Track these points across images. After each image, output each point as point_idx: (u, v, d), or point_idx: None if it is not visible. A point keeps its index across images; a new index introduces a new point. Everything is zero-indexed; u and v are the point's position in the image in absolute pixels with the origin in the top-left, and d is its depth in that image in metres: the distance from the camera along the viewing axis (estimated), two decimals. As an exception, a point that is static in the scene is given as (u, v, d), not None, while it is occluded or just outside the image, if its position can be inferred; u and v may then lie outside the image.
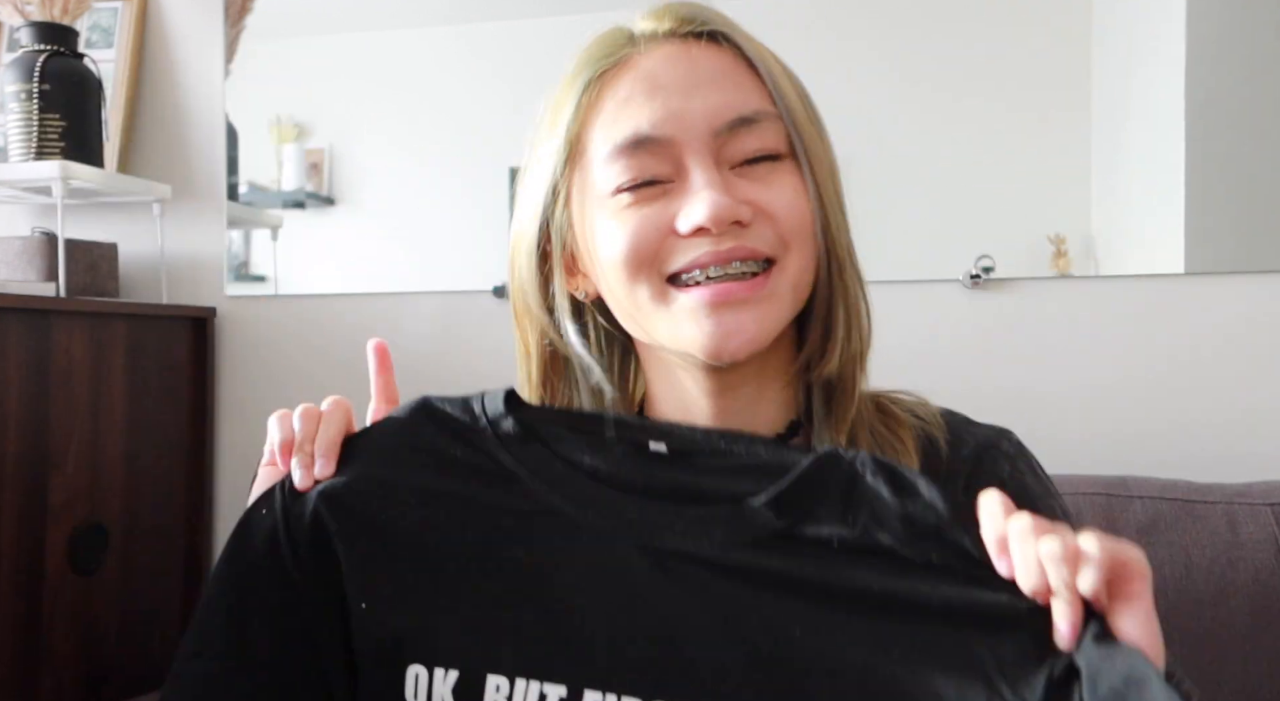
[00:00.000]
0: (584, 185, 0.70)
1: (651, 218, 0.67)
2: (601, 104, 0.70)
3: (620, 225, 0.68)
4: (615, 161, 0.68)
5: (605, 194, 0.69)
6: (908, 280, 1.45)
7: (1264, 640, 1.09)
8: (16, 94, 1.55)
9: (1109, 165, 1.40)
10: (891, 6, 1.48)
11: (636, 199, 0.68)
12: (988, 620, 0.53)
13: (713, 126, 0.67)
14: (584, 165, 0.70)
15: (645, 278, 0.68)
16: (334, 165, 1.71)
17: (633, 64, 0.70)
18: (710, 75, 0.68)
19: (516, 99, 1.66)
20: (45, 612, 1.42)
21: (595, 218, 0.70)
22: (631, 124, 0.68)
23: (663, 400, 0.75)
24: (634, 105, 0.68)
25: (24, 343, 1.39)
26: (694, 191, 0.66)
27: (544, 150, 0.73)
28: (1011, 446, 0.78)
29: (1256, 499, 1.16)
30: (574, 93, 0.71)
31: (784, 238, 0.68)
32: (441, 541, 0.63)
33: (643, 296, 0.68)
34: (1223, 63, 1.36)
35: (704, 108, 0.67)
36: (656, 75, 0.68)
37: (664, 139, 0.67)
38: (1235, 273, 1.36)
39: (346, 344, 1.69)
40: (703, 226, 0.65)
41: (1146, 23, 1.42)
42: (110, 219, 1.77)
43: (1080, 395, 1.40)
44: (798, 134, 0.69)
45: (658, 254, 0.67)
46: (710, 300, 0.66)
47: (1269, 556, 1.11)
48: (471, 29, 1.66)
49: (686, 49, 0.69)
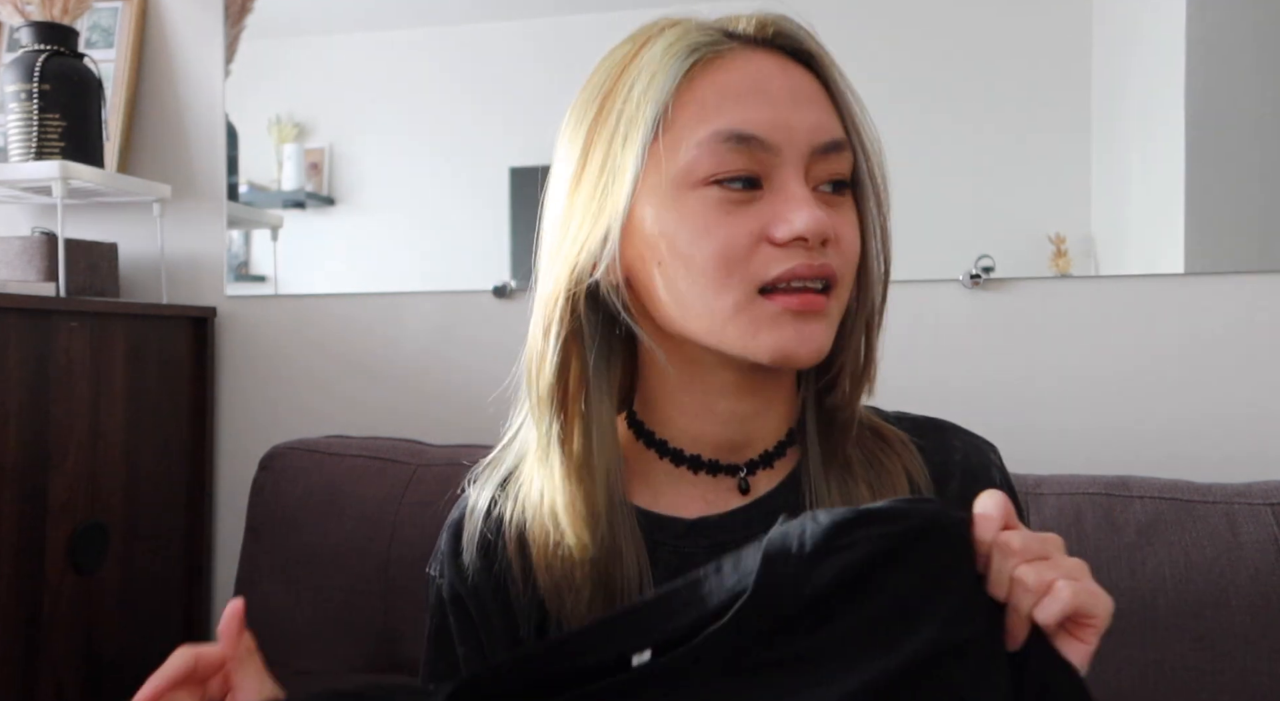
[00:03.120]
0: (656, 166, 0.68)
1: (745, 222, 0.67)
2: (697, 87, 0.68)
3: (712, 224, 0.67)
4: (711, 147, 0.67)
5: (690, 182, 0.68)
6: (908, 280, 1.45)
7: (1264, 640, 1.09)
8: (16, 94, 1.55)
9: (1109, 165, 1.40)
10: (891, 6, 1.48)
11: (729, 198, 0.67)
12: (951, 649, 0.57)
13: (813, 144, 0.68)
14: (666, 144, 0.68)
15: (737, 280, 0.67)
16: (334, 165, 1.71)
17: (736, 60, 0.69)
18: (809, 96, 0.70)
19: (516, 99, 1.66)
20: (45, 612, 1.42)
21: (668, 204, 0.68)
22: (739, 117, 0.67)
23: (671, 402, 0.75)
24: (740, 100, 0.68)
25: (24, 342, 1.39)
26: (794, 203, 0.67)
27: (621, 127, 0.69)
28: (1000, 463, 0.79)
29: (1256, 499, 1.16)
30: (670, 71, 0.68)
31: (844, 266, 0.70)
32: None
33: (727, 300, 0.68)
34: (1223, 63, 1.36)
35: (807, 125, 0.68)
36: (764, 80, 0.69)
37: (771, 144, 0.67)
38: (1235, 273, 1.36)
39: (346, 344, 1.69)
40: (802, 236, 0.66)
41: (1146, 23, 1.42)
42: (110, 219, 1.77)
43: (1080, 395, 1.40)
44: (868, 168, 0.72)
45: (750, 259, 0.67)
46: (796, 307, 0.67)
47: (1269, 556, 1.11)
48: (471, 29, 1.66)
49: (785, 64, 0.70)
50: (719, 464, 0.75)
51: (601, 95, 0.71)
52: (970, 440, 0.80)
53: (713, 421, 0.74)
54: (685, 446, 0.76)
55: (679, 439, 0.76)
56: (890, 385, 0.81)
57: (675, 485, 0.76)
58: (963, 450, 0.78)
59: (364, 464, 1.44)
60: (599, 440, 0.72)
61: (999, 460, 0.79)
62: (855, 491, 0.73)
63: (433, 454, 1.43)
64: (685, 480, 0.76)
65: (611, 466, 0.73)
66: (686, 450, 0.75)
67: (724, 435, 0.75)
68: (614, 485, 0.72)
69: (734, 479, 0.75)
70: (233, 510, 1.71)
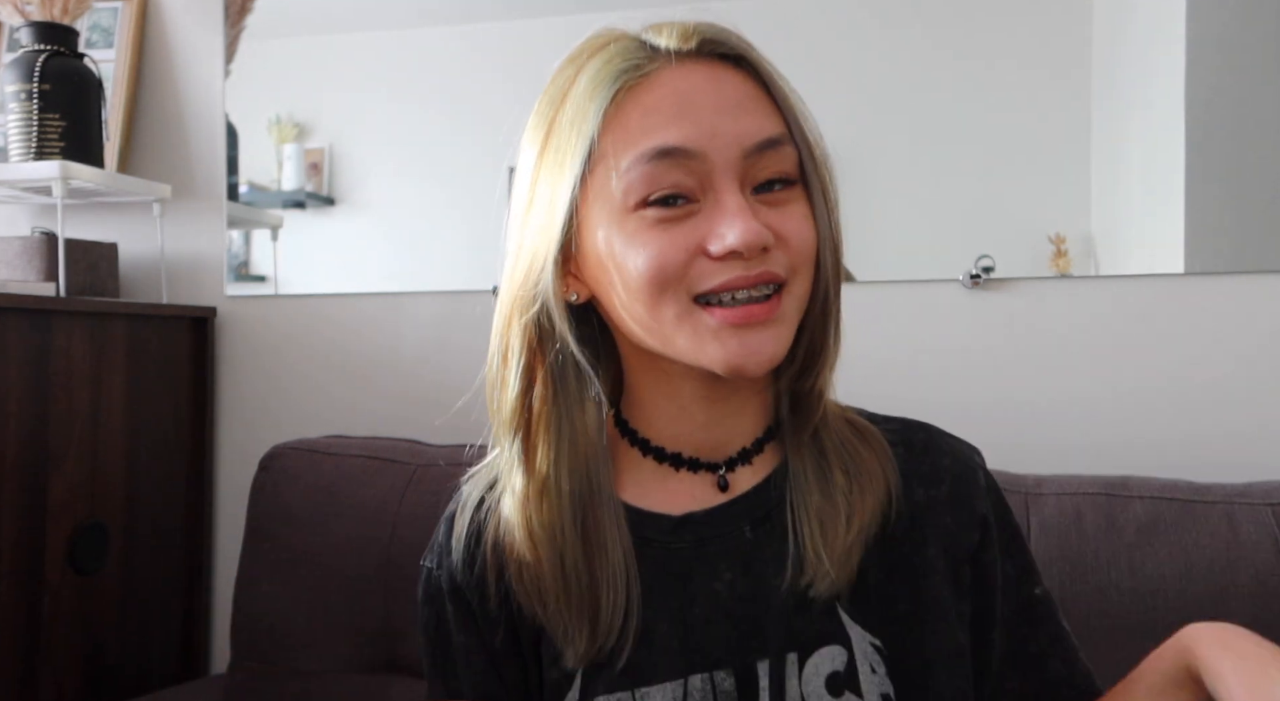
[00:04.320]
0: (599, 192, 0.70)
1: (680, 238, 0.68)
2: (626, 111, 0.70)
3: (648, 242, 0.69)
4: (641, 170, 0.68)
5: (627, 205, 0.69)
6: (908, 280, 1.45)
7: (1264, 640, 1.09)
8: (16, 94, 1.55)
9: (1109, 165, 1.40)
10: (891, 6, 1.48)
11: (663, 217, 0.69)
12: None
13: (743, 147, 0.69)
14: (600, 172, 0.70)
15: (672, 296, 0.69)
16: (334, 165, 1.71)
17: (659, 79, 0.70)
18: (737, 99, 0.70)
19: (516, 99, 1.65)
20: (45, 612, 1.42)
21: (614, 228, 0.70)
22: (661, 136, 0.68)
23: (651, 403, 0.77)
24: (663, 118, 0.69)
25: (24, 342, 1.39)
26: (726, 215, 0.68)
27: (560, 156, 0.72)
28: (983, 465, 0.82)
29: (1256, 499, 1.16)
30: (597, 100, 0.70)
31: (794, 263, 0.70)
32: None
33: (668, 313, 0.69)
34: (1223, 63, 1.36)
35: (735, 129, 0.69)
36: (687, 93, 0.69)
37: (697, 153, 0.68)
38: (1235, 273, 1.36)
39: (346, 344, 1.69)
40: (736, 250, 0.67)
41: (1147, 22, 1.42)
42: (110, 219, 1.77)
43: (1080, 395, 1.40)
44: (812, 161, 0.72)
45: (685, 274, 0.69)
46: (735, 321, 0.68)
47: (1269, 556, 1.11)
48: (471, 29, 1.66)
49: (713, 70, 0.71)
50: (699, 462, 0.77)
51: (546, 124, 0.74)
52: (956, 444, 0.81)
53: (688, 424, 0.76)
54: (666, 445, 0.77)
55: (660, 438, 0.78)
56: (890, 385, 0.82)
57: (662, 482, 0.78)
58: (951, 454, 0.80)
59: (364, 464, 1.44)
60: (570, 456, 0.74)
61: (983, 462, 0.82)
62: (832, 479, 0.75)
63: (433, 454, 1.43)
64: (670, 477, 0.78)
65: (593, 471, 0.75)
66: (668, 448, 0.77)
67: (701, 436, 0.77)
68: (600, 484, 0.75)
69: (715, 476, 0.77)
70: (233, 510, 1.71)
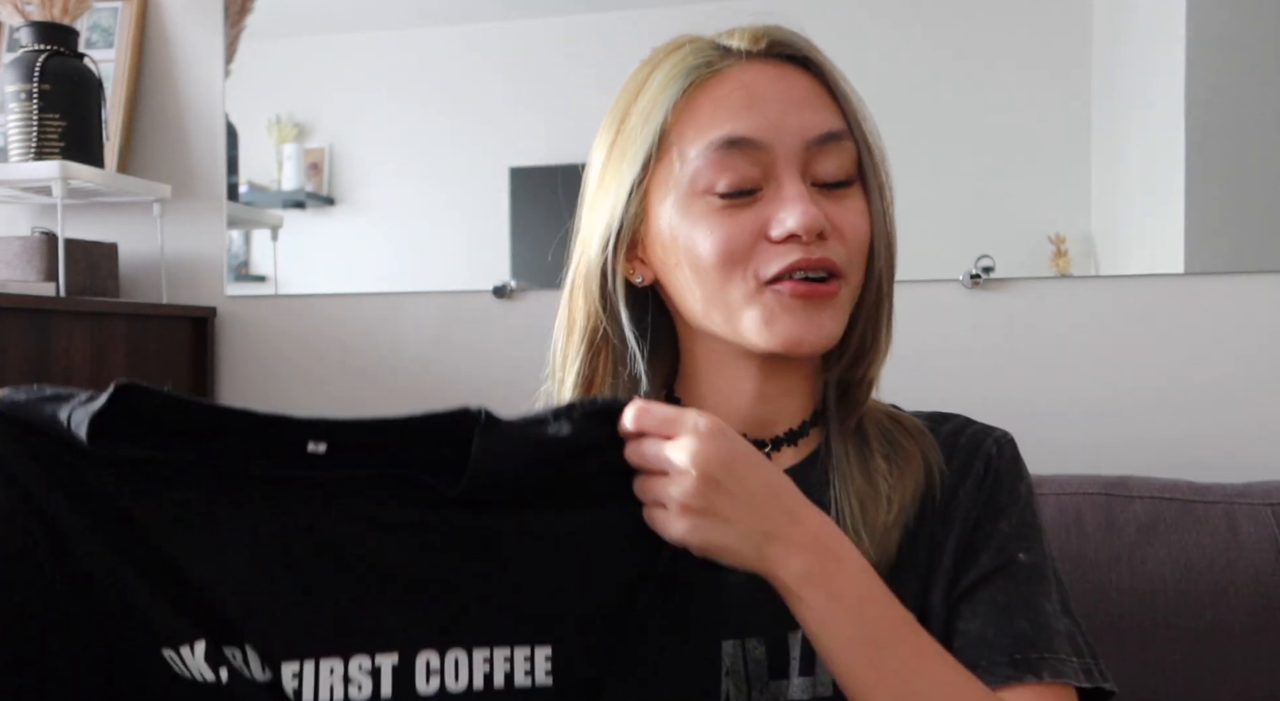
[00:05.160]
0: (668, 179, 0.76)
1: (744, 222, 0.73)
2: (696, 106, 0.75)
3: (715, 226, 0.74)
4: (708, 157, 0.73)
5: (695, 191, 0.74)
6: (908, 280, 1.44)
7: (1264, 640, 1.09)
8: (16, 94, 1.55)
9: (1109, 165, 1.40)
10: (891, 6, 1.48)
11: (728, 203, 0.74)
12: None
13: (806, 139, 0.74)
14: (669, 161, 0.75)
15: (740, 277, 0.74)
16: (334, 165, 1.71)
17: (729, 75, 0.75)
18: (802, 94, 0.75)
19: (517, 99, 1.66)
20: (45, 612, 1.42)
21: (679, 212, 0.75)
22: (730, 126, 0.73)
23: (705, 382, 0.81)
24: (732, 110, 0.74)
25: (24, 342, 1.39)
26: (787, 201, 0.73)
27: (629, 144, 0.77)
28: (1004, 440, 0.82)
29: (1256, 499, 1.16)
30: (669, 92, 0.76)
31: (849, 255, 0.75)
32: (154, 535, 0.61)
33: (735, 294, 0.74)
34: (1223, 63, 1.36)
35: (798, 122, 0.74)
36: (755, 88, 0.75)
37: (762, 143, 0.73)
38: (1235, 273, 1.36)
39: (346, 344, 1.69)
40: (795, 233, 0.72)
41: (1147, 22, 1.42)
42: (110, 219, 1.77)
43: (1080, 395, 1.40)
44: (870, 159, 0.77)
45: (750, 256, 0.73)
46: (802, 295, 0.73)
47: (1269, 556, 1.11)
48: (471, 29, 1.66)
49: (780, 69, 0.76)
50: (747, 437, 0.78)
51: (618, 120, 0.80)
52: (977, 425, 0.83)
53: (740, 400, 0.80)
54: None
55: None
56: (890, 384, 0.83)
57: None
58: (969, 433, 0.82)
59: (364, 464, 1.43)
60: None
61: (1005, 440, 0.81)
62: (873, 463, 0.78)
63: (433, 454, 1.43)
64: None
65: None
66: None
67: (750, 412, 0.80)
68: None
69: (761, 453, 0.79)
70: (233, 510, 1.70)
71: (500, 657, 0.64)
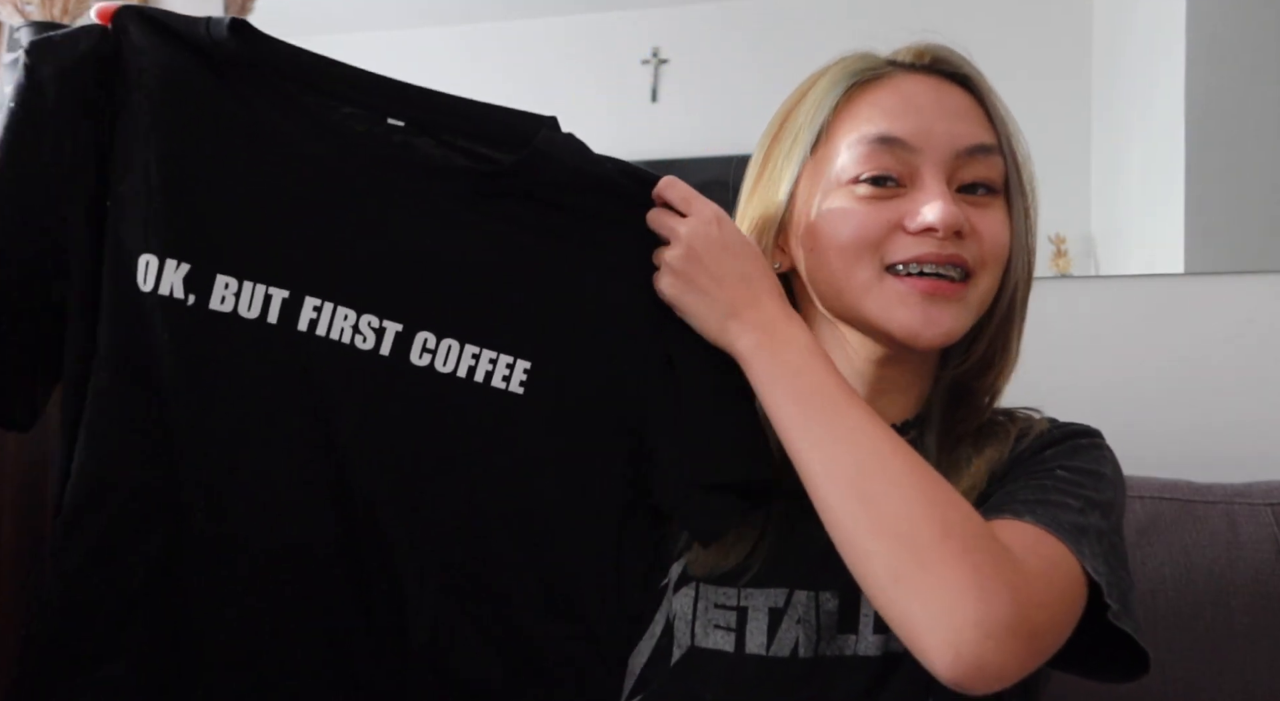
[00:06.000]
0: (819, 170, 0.80)
1: (882, 213, 0.77)
2: (855, 106, 0.80)
3: (853, 213, 0.77)
4: (858, 150, 0.78)
5: (842, 180, 0.78)
6: (908, 280, 1.45)
7: (1264, 640, 1.09)
8: (16, 94, 1.55)
9: (1109, 165, 1.40)
10: (891, 8, 1.48)
11: (870, 193, 0.77)
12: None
13: (956, 149, 0.78)
14: (825, 154, 0.80)
15: (868, 260, 0.77)
16: (334, 165, 1.71)
17: (890, 82, 0.81)
18: (957, 109, 0.80)
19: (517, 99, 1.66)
20: (45, 612, 1.42)
21: (826, 199, 0.79)
22: (885, 125, 0.78)
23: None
24: (889, 112, 0.78)
25: (24, 342, 1.39)
26: (928, 197, 0.76)
27: (789, 141, 0.83)
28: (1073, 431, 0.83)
29: (1256, 499, 1.16)
30: (832, 93, 0.81)
31: (984, 258, 0.78)
32: (193, 148, 0.70)
33: (861, 276, 0.77)
34: (1223, 63, 1.36)
35: (950, 131, 0.78)
36: (912, 95, 0.79)
37: (912, 146, 0.77)
38: (1235, 273, 1.36)
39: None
40: (932, 227, 0.75)
41: (1147, 23, 1.42)
42: (110, 219, 1.76)
43: (1080, 395, 1.40)
44: (1017, 175, 0.81)
45: (882, 243, 0.77)
46: (924, 290, 0.75)
47: (1269, 556, 1.11)
48: (471, 29, 1.66)
49: (940, 83, 0.81)
50: None
51: (783, 116, 0.85)
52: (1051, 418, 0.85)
53: (860, 389, 0.82)
54: None
55: None
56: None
57: None
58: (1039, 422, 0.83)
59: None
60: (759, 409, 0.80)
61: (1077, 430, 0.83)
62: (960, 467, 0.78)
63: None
64: None
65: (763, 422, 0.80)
66: None
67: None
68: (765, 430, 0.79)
69: None
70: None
71: (486, 357, 0.73)
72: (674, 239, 0.74)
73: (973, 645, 0.60)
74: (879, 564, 0.64)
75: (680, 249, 0.73)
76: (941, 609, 0.61)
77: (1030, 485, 0.73)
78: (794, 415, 0.69)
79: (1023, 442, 0.80)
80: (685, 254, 0.73)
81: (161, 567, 0.70)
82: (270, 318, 0.70)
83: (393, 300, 0.72)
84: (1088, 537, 0.69)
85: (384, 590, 0.71)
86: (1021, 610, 0.61)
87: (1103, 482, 0.76)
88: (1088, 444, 0.81)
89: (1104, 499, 0.75)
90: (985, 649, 0.60)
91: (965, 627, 0.60)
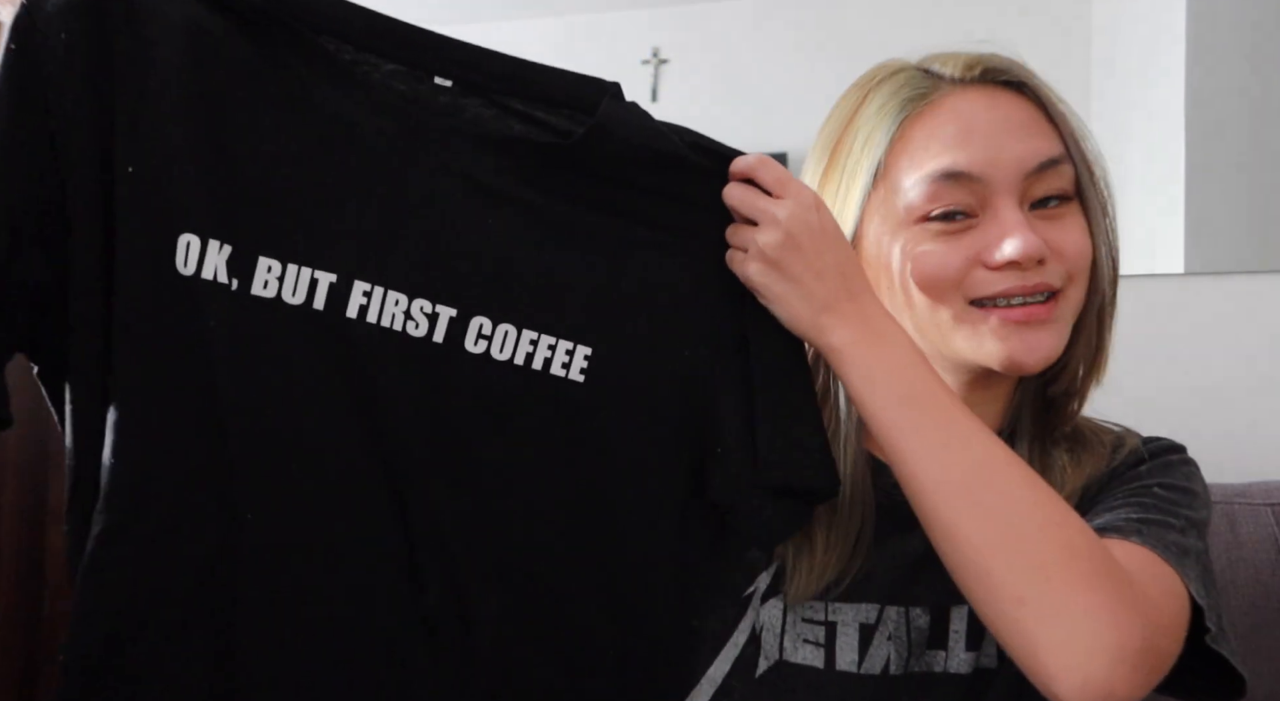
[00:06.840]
0: (883, 205, 0.76)
1: (960, 249, 0.74)
2: (912, 135, 0.76)
3: (929, 252, 0.74)
4: (924, 189, 0.74)
5: (909, 220, 0.75)
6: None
7: (1264, 640, 1.09)
8: (16, 94, 1.55)
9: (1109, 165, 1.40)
10: (890, 7, 1.48)
11: (943, 229, 0.74)
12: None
13: (1024, 170, 0.74)
14: (887, 187, 0.76)
15: (951, 297, 0.75)
16: (334, 165, 1.71)
17: (943, 104, 0.76)
18: (1019, 122, 0.76)
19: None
20: (45, 612, 1.42)
21: (893, 239, 0.76)
22: (947, 158, 0.74)
23: None
24: (947, 142, 0.74)
25: (24, 342, 1.39)
26: (1005, 230, 0.73)
27: (843, 175, 0.79)
28: (1165, 446, 0.83)
29: (1256, 499, 1.16)
30: (884, 127, 0.77)
31: (1070, 273, 0.76)
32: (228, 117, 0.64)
33: (944, 315, 0.75)
34: (1223, 63, 1.36)
35: (1015, 154, 0.74)
36: (970, 118, 0.75)
37: (979, 177, 0.74)
38: (1235, 273, 1.36)
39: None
40: (1015, 261, 0.72)
41: (1146, 23, 1.42)
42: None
43: (1080, 395, 1.40)
44: (1090, 179, 0.78)
45: (963, 279, 0.74)
46: (1017, 319, 0.73)
47: (1269, 556, 1.11)
48: (471, 29, 1.66)
49: (994, 96, 0.77)
50: None
51: (832, 145, 0.81)
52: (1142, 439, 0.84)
53: None
54: None
55: None
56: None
57: None
58: (1129, 437, 0.83)
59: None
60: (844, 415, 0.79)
61: (1156, 443, 0.83)
62: (1053, 476, 0.77)
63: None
64: None
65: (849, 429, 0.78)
66: None
67: None
68: (850, 438, 0.78)
69: None
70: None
71: (545, 344, 0.69)
72: (767, 222, 0.68)
73: (1104, 671, 0.59)
74: (999, 583, 0.61)
75: (777, 234, 0.68)
76: (1072, 634, 0.59)
77: (1132, 502, 0.73)
78: (900, 419, 0.66)
79: (1117, 457, 0.79)
80: (783, 240, 0.67)
81: (210, 570, 0.64)
82: (317, 303, 0.65)
83: (446, 284, 0.67)
84: (1189, 559, 0.69)
85: (442, 589, 0.67)
86: (1151, 638, 0.61)
87: (1197, 501, 0.76)
88: (1178, 460, 0.80)
89: (1200, 517, 0.75)
90: (1116, 675, 0.59)
91: (1097, 653, 0.59)
